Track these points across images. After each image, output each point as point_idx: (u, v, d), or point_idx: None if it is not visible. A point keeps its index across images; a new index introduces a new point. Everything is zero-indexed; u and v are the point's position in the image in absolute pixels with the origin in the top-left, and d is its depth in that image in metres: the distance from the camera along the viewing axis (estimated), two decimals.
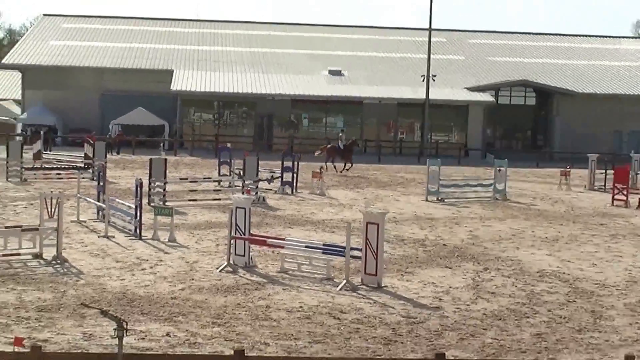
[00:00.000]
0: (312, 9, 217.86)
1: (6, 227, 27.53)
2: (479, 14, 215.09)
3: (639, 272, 27.37)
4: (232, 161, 47.68)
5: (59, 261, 25.46)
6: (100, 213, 32.94)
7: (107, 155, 52.30)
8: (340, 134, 63.54)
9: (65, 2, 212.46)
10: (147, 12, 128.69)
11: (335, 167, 56.61)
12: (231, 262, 25.37)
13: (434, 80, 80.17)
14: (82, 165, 50.06)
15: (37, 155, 53.60)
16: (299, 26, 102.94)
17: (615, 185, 45.97)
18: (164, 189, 39.01)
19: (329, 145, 58.98)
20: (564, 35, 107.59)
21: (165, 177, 39.66)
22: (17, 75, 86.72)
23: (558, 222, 37.56)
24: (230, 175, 46.12)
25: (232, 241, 25.55)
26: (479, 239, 32.67)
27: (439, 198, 43.74)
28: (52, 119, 79.98)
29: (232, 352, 14.45)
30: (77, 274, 24.31)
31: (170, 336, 18.38)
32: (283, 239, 27.20)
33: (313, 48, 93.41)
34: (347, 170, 56.41)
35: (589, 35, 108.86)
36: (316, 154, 58.87)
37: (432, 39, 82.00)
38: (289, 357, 16.79)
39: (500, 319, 20.89)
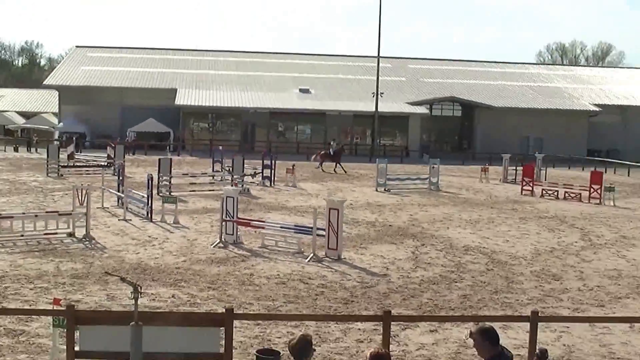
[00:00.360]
0: (286, 40, 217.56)
1: (46, 212, 27.39)
2: (417, 44, 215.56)
3: (542, 246, 27.55)
4: (223, 160, 47.58)
5: (87, 239, 25.39)
6: (120, 201, 32.84)
7: (125, 156, 52.00)
8: (332, 142, 63.33)
9: (93, 36, 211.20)
10: (156, 44, 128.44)
11: (323, 168, 56.34)
12: (223, 239, 25.32)
13: (381, 97, 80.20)
14: (106, 163, 49.83)
15: (70, 156, 53.34)
16: (276, 54, 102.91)
17: (524, 178, 46.30)
18: (170, 182, 38.91)
19: (322, 152, 58.67)
20: (483, 62, 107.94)
21: (170, 173, 39.61)
22: (55, 94, 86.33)
23: (479, 208, 37.68)
24: (221, 171, 46.03)
25: (223, 223, 25.52)
26: (417, 221, 32.71)
27: (386, 189, 43.78)
28: (82, 128, 79.62)
29: (224, 310, 14.39)
30: (101, 248, 24.21)
31: (175, 298, 18.31)
32: (263, 221, 27.23)
33: (287, 71, 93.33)
34: (344, 171, 55.64)
35: (503, 62, 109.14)
36: (313, 158, 58.88)
37: (380, 65, 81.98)
38: (268, 314, 16.74)
39: (434, 284, 20.92)
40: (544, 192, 44.33)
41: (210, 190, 39.52)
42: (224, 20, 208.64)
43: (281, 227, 25.82)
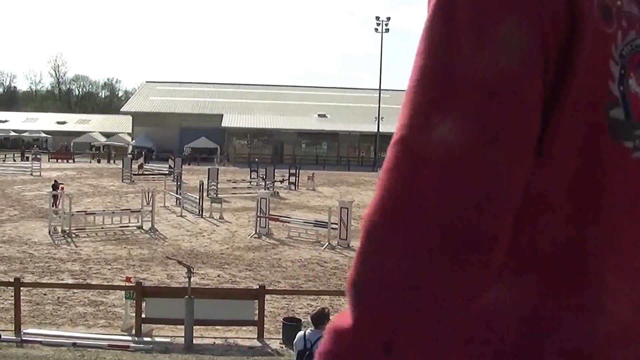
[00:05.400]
0: (309, 76, 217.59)
1: (121, 210, 27.53)
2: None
3: None
4: (258, 170, 47.61)
5: (152, 231, 25.46)
6: (178, 201, 32.88)
7: (182, 166, 52.05)
8: None
9: (159, 73, 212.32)
10: (207, 79, 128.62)
11: None
12: (257, 231, 25.31)
13: (382, 120, 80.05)
14: (167, 172, 49.92)
15: (140, 166, 53.44)
16: (300, 87, 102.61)
17: None
18: (217, 187, 38.93)
19: None
20: None
21: (217, 179, 39.61)
22: (129, 118, 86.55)
23: None
24: (257, 178, 46.03)
25: (258, 218, 25.51)
26: None
27: None
28: (150, 144, 79.84)
29: (258, 287, 14.40)
30: (163, 238, 24.25)
31: (220, 277, 18.31)
32: (289, 218, 27.18)
33: (308, 101, 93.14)
34: None
35: None
36: None
37: (381, 95, 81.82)
38: (292, 290, 16.74)
39: None
40: None
41: (248, 193, 39.52)
42: (260, 61, 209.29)
43: (303, 222, 25.79)
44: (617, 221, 0.93)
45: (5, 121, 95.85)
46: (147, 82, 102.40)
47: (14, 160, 65.30)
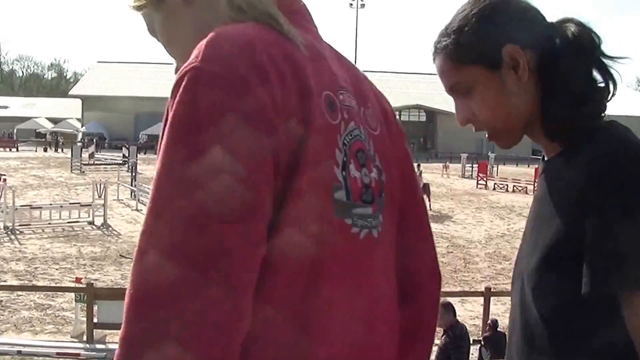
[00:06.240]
0: None
1: (70, 204, 27.30)
2: (390, 62, 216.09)
3: (494, 232, 27.60)
4: None
5: (105, 226, 25.32)
6: (133, 194, 32.71)
7: (138, 155, 51.74)
8: None
9: (112, 52, 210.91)
10: (165, 59, 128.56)
11: None
12: None
13: None
14: (121, 162, 49.62)
15: (91, 155, 53.05)
16: None
17: (479, 174, 46.30)
18: None
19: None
20: None
21: None
22: (79, 102, 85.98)
23: (441, 199, 37.66)
24: None
25: None
26: None
27: None
28: (102, 131, 79.45)
29: None
30: (117, 235, 24.11)
31: None
32: None
33: None
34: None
35: None
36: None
37: None
38: None
39: None
40: (495, 185, 44.42)
41: None
42: None
43: None
44: (336, 287, 1.22)
45: None
46: (98, 62, 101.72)
47: None
